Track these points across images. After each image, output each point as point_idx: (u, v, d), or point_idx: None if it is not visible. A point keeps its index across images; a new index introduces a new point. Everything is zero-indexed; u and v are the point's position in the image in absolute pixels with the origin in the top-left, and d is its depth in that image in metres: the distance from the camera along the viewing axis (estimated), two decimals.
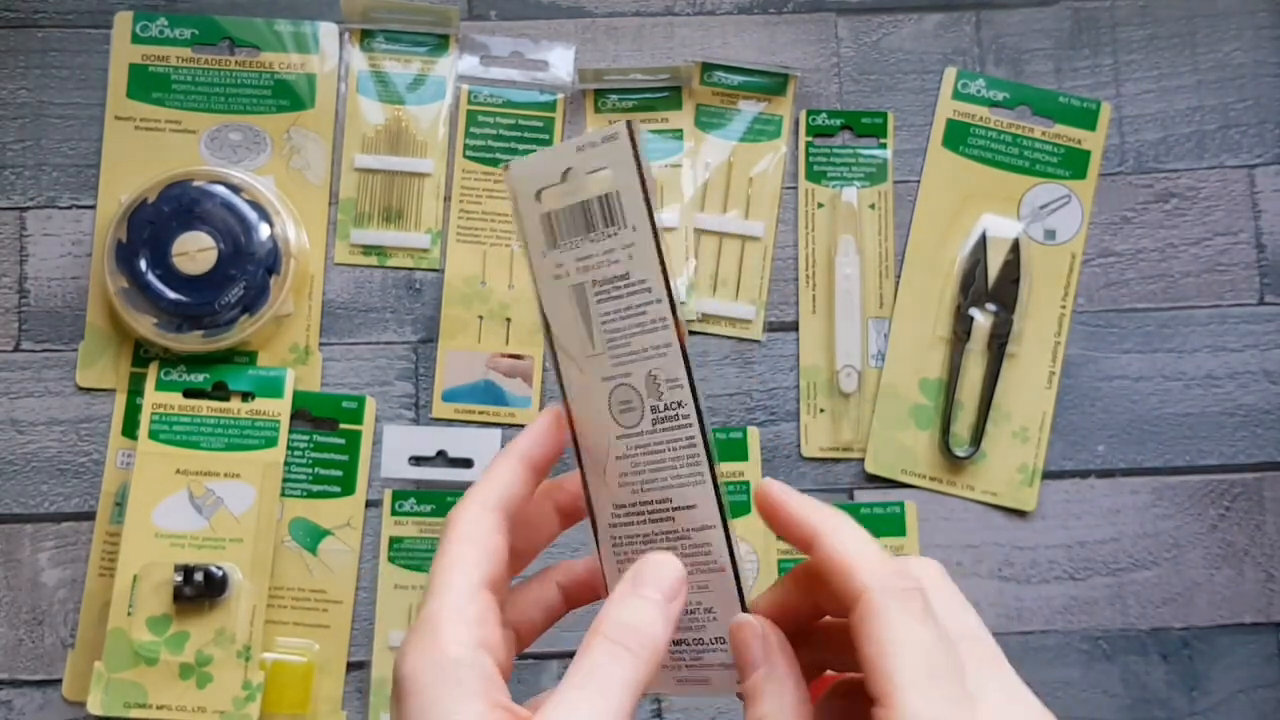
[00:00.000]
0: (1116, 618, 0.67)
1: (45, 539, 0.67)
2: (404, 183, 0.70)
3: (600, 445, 0.38)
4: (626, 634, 0.34)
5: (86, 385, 0.68)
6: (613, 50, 0.71)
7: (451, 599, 0.36)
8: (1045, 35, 0.72)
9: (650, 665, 0.34)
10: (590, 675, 0.34)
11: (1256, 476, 0.68)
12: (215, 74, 0.70)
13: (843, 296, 0.69)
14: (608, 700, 0.33)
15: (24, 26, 0.71)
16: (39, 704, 0.66)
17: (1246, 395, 0.69)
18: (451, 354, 0.69)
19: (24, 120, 0.70)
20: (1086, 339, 0.69)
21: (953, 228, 0.70)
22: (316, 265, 0.69)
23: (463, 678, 0.33)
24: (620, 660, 0.34)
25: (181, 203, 0.65)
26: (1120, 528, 0.68)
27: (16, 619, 0.66)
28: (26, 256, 0.69)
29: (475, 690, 0.33)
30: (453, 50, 0.71)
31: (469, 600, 0.36)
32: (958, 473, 0.68)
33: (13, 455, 0.67)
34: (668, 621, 0.35)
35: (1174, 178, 0.71)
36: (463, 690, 0.33)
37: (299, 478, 0.67)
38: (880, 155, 0.71)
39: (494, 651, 0.35)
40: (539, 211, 0.38)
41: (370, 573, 0.67)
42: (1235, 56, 0.71)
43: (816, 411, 0.69)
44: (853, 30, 0.72)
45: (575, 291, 0.38)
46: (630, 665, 0.34)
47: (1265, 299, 0.70)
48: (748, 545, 0.67)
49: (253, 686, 0.63)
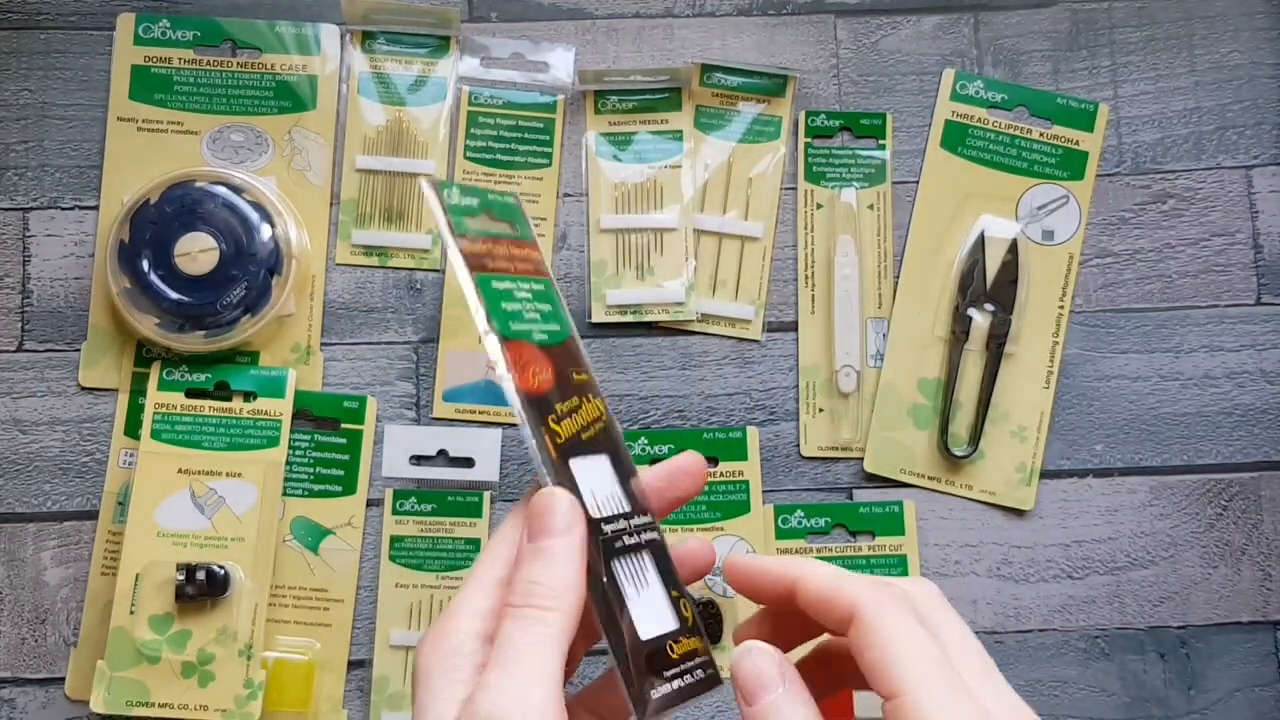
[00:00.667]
0: (1114, 616, 0.68)
1: (48, 538, 0.67)
2: (405, 183, 0.70)
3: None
4: (531, 595, 0.35)
5: (89, 385, 0.68)
6: (613, 51, 0.72)
7: (469, 592, 0.37)
8: (1043, 37, 0.72)
9: (566, 616, 0.35)
10: (504, 651, 0.34)
11: (1253, 476, 0.69)
12: (217, 75, 0.70)
13: (842, 297, 0.69)
14: (524, 670, 0.34)
15: (27, 28, 0.71)
16: (42, 702, 0.66)
17: (1244, 395, 0.69)
18: (452, 354, 0.69)
19: (27, 121, 0.70)
20: (1084, 339, 0.70)
21: (951, 228, 0.70)
22: (318, 266, 0.69)
23: (458, 664, 0.34)
24: (529, 627, 0.35)
25: (183, 203, 0.66)
26: (1118, 527, 0.68)
27: (19, 618, 0.67)
28: (29, 257, 0.69)
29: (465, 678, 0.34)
30: (453, 52, 0.71)
31: (485, 594, 0.36)
32: (956, 472, 0.68)
33: (16, 455, 0.68)
34: (570, 560, 0.36)
35: (1171, 178, 0.71)
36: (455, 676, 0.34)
37: (300, 477, 0.67)
38: (879, 156, 0.71)
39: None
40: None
41: (371, 572, 0.67)
42: (1232, 58, 0.72)
43: (815, 411, 0.69)
44: (852, 31, 0.72)
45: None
46: (541, 627, 0.35)
47: (1262, 299, 0.70)
48: (746, 545, 0.67)
49: (254, 685, 0.64)
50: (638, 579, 0.39)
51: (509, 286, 0.41)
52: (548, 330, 0.41)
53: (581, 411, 0.40)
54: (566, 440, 0.39)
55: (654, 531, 0.40)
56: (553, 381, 0.40)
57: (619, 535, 0.39)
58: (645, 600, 0.38)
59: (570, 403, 0.40)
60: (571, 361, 0.41)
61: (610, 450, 0.41)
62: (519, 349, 0.40)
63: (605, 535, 0.38)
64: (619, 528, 0.39)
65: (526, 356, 0.40)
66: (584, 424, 0.40)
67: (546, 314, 0.42)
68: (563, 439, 0.39)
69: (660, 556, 0.40)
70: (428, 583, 0.67)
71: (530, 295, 0.41)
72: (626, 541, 0.39)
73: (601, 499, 0.39)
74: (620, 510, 0.39)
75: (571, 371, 0.41)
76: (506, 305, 0.40)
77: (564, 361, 0.41)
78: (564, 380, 0.40)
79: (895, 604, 0.34)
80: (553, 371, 0.40)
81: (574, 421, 0.40)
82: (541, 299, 0.42)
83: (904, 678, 0.33)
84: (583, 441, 0.40)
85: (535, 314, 0.41)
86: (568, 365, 0.41)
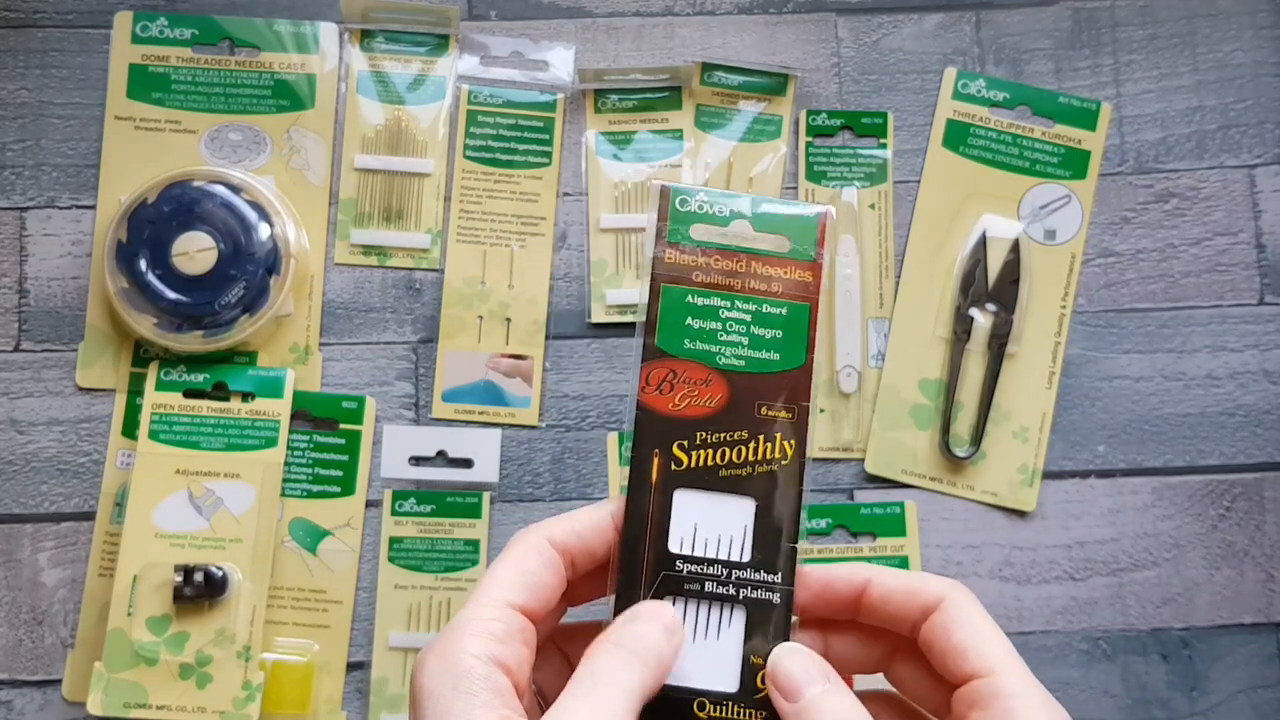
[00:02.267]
0: (1116, 618, 0.67)
1: (45, 539, 0.67)
2: (404, 183, 0.70)
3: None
4: (633, 640, 0.35)
5: (86, 385, 0.68)
6: (613, 50, 0.71)
7: (479, 611, 0.36)
8: (1045, 35, 0.72)
9: (655, 675, 0.35)
10: (595, 680, 0.34)
11: (1257, 477, 0.68)
12: (215, 74, 0.70)
13: (843, 296, 0.69)
14: (611, 705, 0.33)
15: (24, 26, 0.71)
16: (39, 704, 0.66)
17: (1247, 395, 0.69)
18: (451, 354, 0.69)
19: (24, 120, 0.70)
20: (1086, 339, 0.69)
21: (953, 228, 0.70)
22: (316, 265, 0.69)
23: (474, 689, 0.34)
24: (627, 664, 0.34)
25: (181, 203, 0.65)
26: (1120, 528, 0.68)
27: (16, 619, 0.66)
28: (26, 256, 0.69)
29: (486, 702, 0.33)
30: (453, 50, 0.71)
31: (495, 616, 0.36)
32: (958, 473, 0.68)
33: (12, 455, 0.67)
34: (673, 646, 0.36)
35: (1174, 178, 0.71)
36: (474, 701, 0.33)
37: (299, 478, 0.67)
38: (880, 155, 0.71)
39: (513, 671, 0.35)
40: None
41: (370, 573, 0.67)
42: (1235, 56, 0.71)
43: (816, 412, 0.69)
44: (853, 30, 0.72)
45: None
46: (636, 670, 0.34)
47: (1265, 299, 0.70)
48: None
49: (253, 687, 0.63)
50: (706, 628, 0.38)
51: (713, 304, 0.40)
52: (752, 357, 0.40)
53: (743, 447, 0.39)
54: (689, 470, 0.38)
55: (771, 592, 0.38)
56: (717, 409, 0.39)
57: (700, 579, 0.38)
58: (701, 650, 0.38)
59: (730, 434, 0.39)
60: (771, 394, 0.39)
61: (764, 496, 0.39)
62: (676, 367, 0.39)
63: (676, 573, 0.38)
64: (706, 572, 0.38)
65: (683, 376, 0.39)
66: (735, 460, 0.39)
67: (766, 340, 0.40)
68: (684, 467, 0.38)
69: (763, 621, 0.38)
70: (427, 584, 0.66)
71: (748, 317, 0.40)
72: (708, 588, 0.38)
73: (704, 538, 0.38)
74: (725, 557, 0.38)
75: (761, 405, 0.39)
76: (693, 321, 0.39)
77: (756, 392, 0.39)
78: (738, 410, 0.39)
79: (973, 600, 0.38)
80: (725, 399, 0.39)
81: (718, 454, 0.39)
82: (770, 323, 0.40)
83: (996, 655, 0.36)
84: (717, 477, 0.39)
85: (743, 337, 0.40)
86: (759, 397, 0.39)
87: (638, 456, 0.38)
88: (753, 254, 0.40)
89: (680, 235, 0.40)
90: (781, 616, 0.38)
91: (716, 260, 0.40)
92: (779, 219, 0.41)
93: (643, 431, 0.39)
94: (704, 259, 0.40)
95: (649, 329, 0.39)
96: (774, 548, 0.39)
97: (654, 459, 0.38)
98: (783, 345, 0.40)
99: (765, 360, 0.40)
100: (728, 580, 0.38)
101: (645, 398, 0.39)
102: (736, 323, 0.40)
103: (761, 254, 0.40)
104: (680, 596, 0.38)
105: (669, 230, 0.40)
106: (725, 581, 0.38)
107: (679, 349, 0.39)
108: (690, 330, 0.39)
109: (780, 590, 0.38)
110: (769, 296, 0.40)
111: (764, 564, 0.39)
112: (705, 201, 0.40)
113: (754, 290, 0.40)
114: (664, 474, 0.38)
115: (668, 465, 0.38)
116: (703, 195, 0.40)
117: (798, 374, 0.40)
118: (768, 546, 0.39)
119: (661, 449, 0.39)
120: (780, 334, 0.40)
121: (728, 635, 0.38)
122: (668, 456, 0.38)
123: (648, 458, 0.38)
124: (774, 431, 0.39)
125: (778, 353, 0.40)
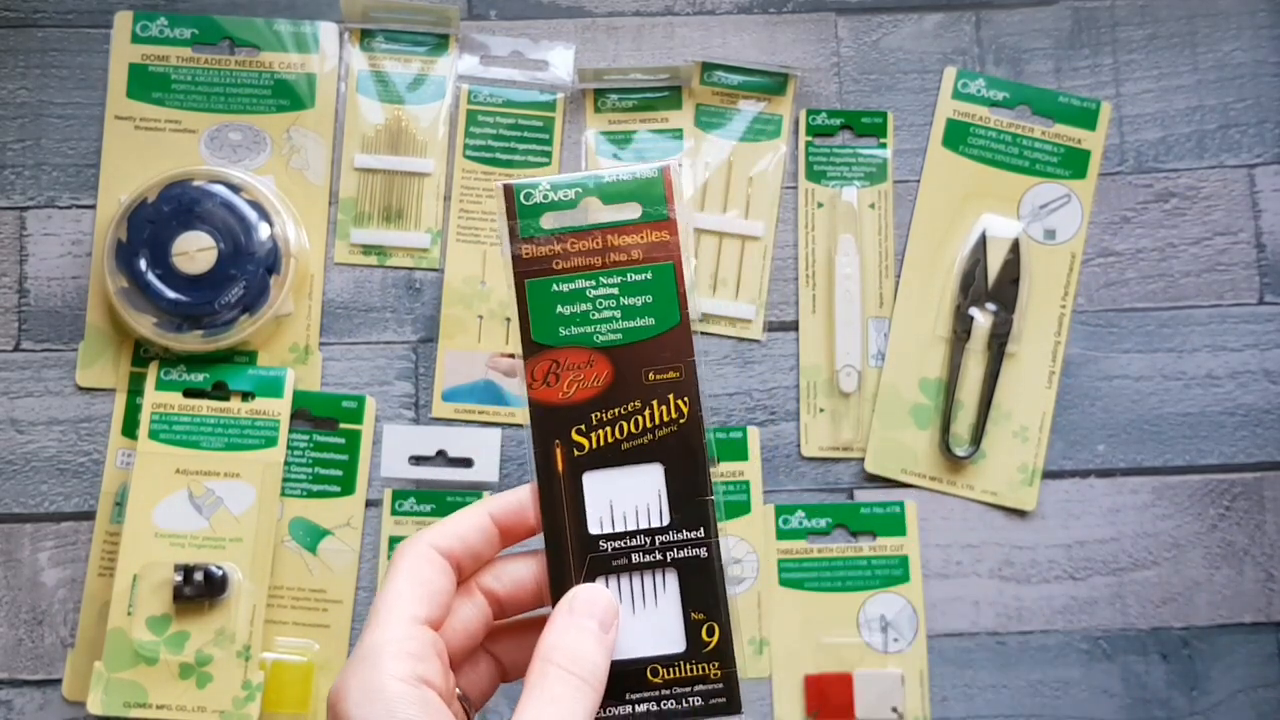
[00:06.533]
0: (1116, 617, 0.67)
1: (45, 539, 0.67)
2: (404, 182, 0.70)
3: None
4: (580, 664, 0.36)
5: (86, 385, 0.68)
6: (613, 50, 0.71)
7: (390, 633, 0.36)
8: (1045, 35, 0.72)
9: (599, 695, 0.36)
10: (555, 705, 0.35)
11: (1256, 476, 0.68)
12: (215, 74, 0.70)
13: (843, 296, 0.69)
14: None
15: (24, 26, 0.71)
16: (39, 704, 0.66)
17: (1246, 395, 0.69)
18: (451, 354, 0.69)
19: (24, 120, 0.70)
20: (1086, 339, 0.69)
21: (952, 227, 0.70)
22: (316, 265, 0.69)
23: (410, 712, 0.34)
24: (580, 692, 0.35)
25: (181, 202, 0.65)
26: (1120, 527, 0.68)
27: (16, 619, 0.66)
28: (26, 256, 0.69)
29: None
30: (452, 50, 0.71)
31: (408, 635, 0.36)
32: (958, 472, 0.68)
33: (13, 455, 0.67)
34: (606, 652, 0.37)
35: (1174, 177, 0.71)
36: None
37: (299, 477, 0.67)
38: (880, 155, 0.71)
39: (436, 685, 0.35)
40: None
41: (370, 572, 0.67)
42: (1235, 56, 0.71)
43: (816, 411, 0.69)
44: (853, 30, 0.72)
45: None
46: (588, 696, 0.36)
47: (1265, 298, 0.70)
48: (747, 545, 0.67)
49: (252, 686, 0.63)
50: (643, 597, 0.39)
51: (578, 286, 0.40)
52: (627, 328, 0.40)
53: (639, 417, 0.39)
54: (591, 451, 0.39)
55: (698, 548, 0.39)
56: (604, 387, 0.39)
57: (626, 552, 0.39)
58: (643, 619, 0.38)
59: (624, 408, 0.39)
60: (653, 359, 0.40)
61: (670, 458, 0.39)
62: (557, 357, 0.39)
63: (601, 553, 0.38)
64: (630, 544, 0.39)
65: (566, 364, 0.39)
66: (634, 431, 0.39)
67: (637, 309, 0.40)
68: (586, 450, 0.39)
69: (696, 576, 0.39)
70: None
71: (615, 291, 0.40)
72: (635, 559, 0.39)
73: (621, 513, 0.39)
74: (645, 526, 0.39)
75: (647, 371, 0.40)
76: (563, 309, 0.40)
77: (639, 360, 0.40)
78: (626, 383, 0.40)
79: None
80: (610, 375, 0.39)
81: (616, 430, 0.39)
82: (638, 291, 0.40)
83: None
84: (620, 451, 0.39)
85: (615, 312, 0.40)
86: (644, 364, 0.40)
87: (540, 452, 0.39)
88: (606, 228, 0.41)
89: (532, 229, 0.40)
90: (712, 567, 0.39)
91: (572, 244, 0.40)
92: (624, 186, 0.41)
93: (540, 427, 0.39)
94: (559, 246, 0.40)
95: (523, 326, 0.40)
96: (690, 505, 0.39)
97: (556, 450, 0.39)
98: (655, 309, 0.40)
99: (641, 328, 0.40)
100: (653, 548, 0.39)
101: (534, 394, 0.39)
102: (605, 299, 0.40)
103: (615, 226, 0.41)
104: (610, 574, 0.39)
105: (520, 227, 0.40)
106: (650, 549, 0.39)
107: (555, 339, 0.40)
108: (562, 318, 0.40)
109: (705, 544, 0.39)
110: (631, 265, 0.41)
111: (684, 522, 0.39)
112: (548, 190, 0.41)
113: (615, 263, 0.41)
114: (569, 461, 0.39)
115: (570, 452, 0.39)
116: (545, 184, 0.41)
117: (676, 333, 0.40)
118: (684, 505, 0.39)
119: (561, 438, 0.39)
120: (650, 299, 0.40)
121: (665, 599, 0.39)
122: (568, 444, 0.39)
123: (550, 451, 0.39)
124: (665, 394, 0.40)
125: (652, 318, 0.40)
